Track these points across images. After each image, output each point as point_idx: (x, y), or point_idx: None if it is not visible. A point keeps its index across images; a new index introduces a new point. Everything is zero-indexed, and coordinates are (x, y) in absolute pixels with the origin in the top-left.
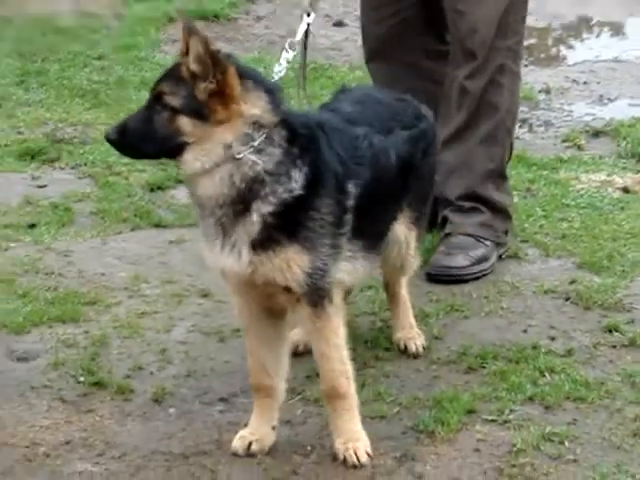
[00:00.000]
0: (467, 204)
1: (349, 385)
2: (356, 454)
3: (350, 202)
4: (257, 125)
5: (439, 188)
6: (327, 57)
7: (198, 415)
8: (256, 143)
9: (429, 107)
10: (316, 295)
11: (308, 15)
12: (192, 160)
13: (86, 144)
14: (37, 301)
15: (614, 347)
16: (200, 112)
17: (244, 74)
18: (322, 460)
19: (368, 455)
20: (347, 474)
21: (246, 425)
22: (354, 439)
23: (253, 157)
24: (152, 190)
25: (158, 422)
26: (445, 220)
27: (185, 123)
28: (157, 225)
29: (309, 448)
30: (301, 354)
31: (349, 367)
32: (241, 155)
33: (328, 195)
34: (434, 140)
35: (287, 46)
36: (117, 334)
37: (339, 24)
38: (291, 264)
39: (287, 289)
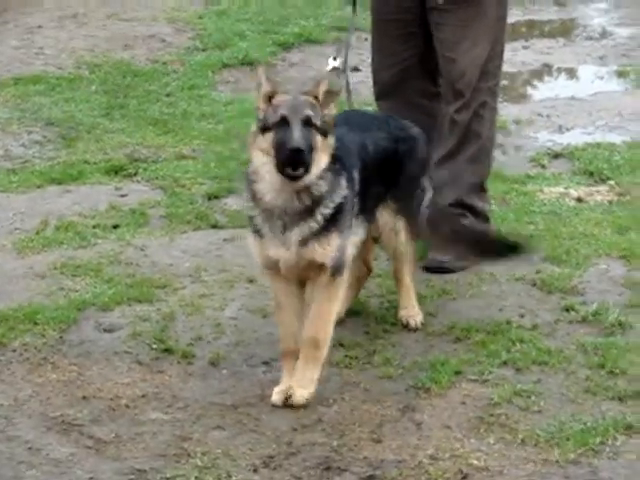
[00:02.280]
0: (456, 210)
1: (325, 341)
2: (298, 396)
3: (357, 187)
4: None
5: (435, 198)
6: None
7: (245, 375)
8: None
9: (425, 135)
10: (336, 267)
11: (334, 59)
12: (308, 177)
13: (157, 162)
14: (119, 285)
15: (570, 323)
16: (325, 132)
17: None
18: (342, 410)
19: (304, 401)
20: (362, 421)
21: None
22: (304, 386)
23: (320, 181)
24: (210, 198)
25: (214, 380)
26: None
27: (318, 140)
28: (214, 226)
29: (331, 401)
30: None
31: (331, 329)
32: (311, 181)
33: (350, 187)
34: (415, 148)
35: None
36: (182, 311)
37: (355, 69)
38: (326, 247)
39: (320, 266)
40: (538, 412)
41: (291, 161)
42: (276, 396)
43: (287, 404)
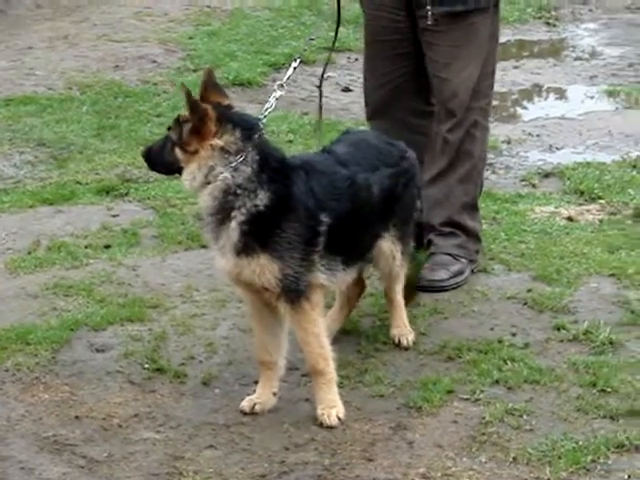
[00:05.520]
0: (447, 229)
1: (327, 364)
2: (333, 417)
3: (322, 228)
4: (226, 151)
5: (425, 217)
6: (337, 115)
7: (238, 394)
8: (233, 164)
9: (417, 154)
10: (292, 295)
11: (295, 60)
12: (185, 179)
13: (149, 182)
14: (111, 305)
15: (561, 341)
16: (182, 145)
17: (224, 117)
18: (334, 429)
19: (339, 419)
20: (354, 439)
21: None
22: (330, 406)
23: (227, 174)
24: (201, 219)
25: (206, 400)
26: (430, 242)
27: (177, 152)
28: (204, 246)
29: None
30: None
31: (326, 350)
32: (220, 174)
33: (294, 219)
34: (414, 175)
35: (276, 86)
36: (174, 331)
37: (346, 90)
38: (264, 269)
39: (265, 289)
40: (530, 431)
41: None
42: (245, 403)
43: (253, 411)
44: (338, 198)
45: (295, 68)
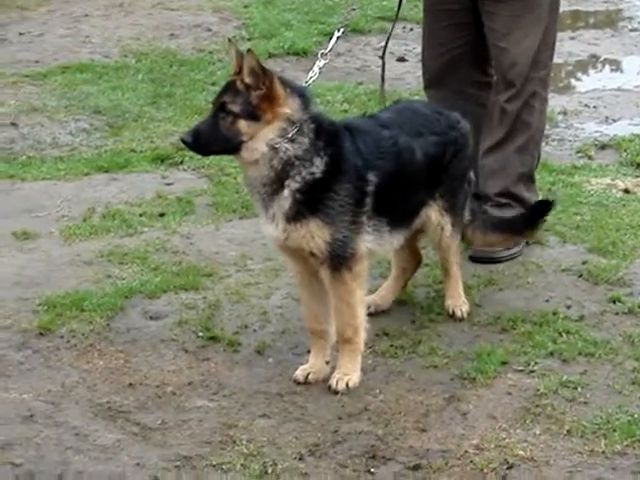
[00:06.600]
0: (503, 200)
1: (355, 334)
2: (342, 383)
3: (370, 188)
4: (290, 121)
5: (481, 187)
6: (392, 85)
7: (291, 363)
8: (290, 135)
9: (473, 125)
10: (336, 261)
11: (338, 30)
12: (248, 155)
13: None
14: (165, 273)
15: (617, 314)
16: (254, 114)
17: (283, 82)
18: (387, 399)
19: (348, 387)
20: (407, 410)
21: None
22: (345, 373)
23: (287, 145)
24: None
25: (260, 369)
26: (485, 213)
27: (243, 125)
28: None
29: (377, 390)
30: (372, 314)
31: (358, 321)
32: (278, 145)
33: (346, 181)
34: (465, 146)
35: (319, 55)
36: (228, 299)
37: (401, 59)
38: (313, 235)
39: (312, 254)
40: (584, 403)
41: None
42: (298, 372)
43: (307, 381)
44: (383, 157)
45: (338, 38)
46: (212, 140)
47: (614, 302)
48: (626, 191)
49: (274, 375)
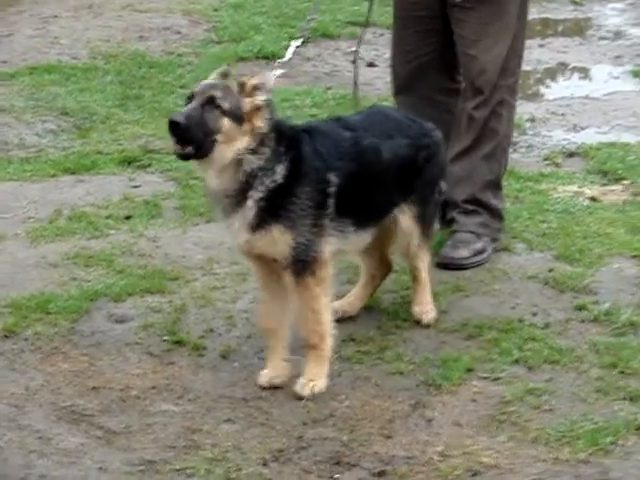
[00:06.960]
0: (470, 207)
1: (321, 341)
2: (308, 389)
3: (332, 188)
4: (259, 134)
5: (448, 193)
6: (362, 90)
7: (256, 368)
8: (253, 146)
9: (442, 131)
10: (299, 266)
11: (297, 40)
12: (218, 157)
13: (171, 154)
14: (131, 276)
15: (582, 322)
16: (239, 118)
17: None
18: (353, 405)
19: (313, 393)
20: (372, 416)
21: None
22: (311, 379)
23: (251, 157)
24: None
25: (225, 373)
26: (452, 220)
27: (226, 123)
28: None
29: (343, 396)
30: (339, 320)
31: (323, 327)
32: (243, 156)
33: (306, 184)
34: (437, 154)
35: (275, 64)
36: (194, 303)
37: (371, 65)
38: (277, 241)
39: (275, 260)
40: (549, 411)
41: (171, 133)
42: (261, 377)
43: (272, 385)
44: (343, 157)
45: (298, 47)
46: (196, 128)
47: (580, 310)
48: (593, 199)
49: (239, 379)
